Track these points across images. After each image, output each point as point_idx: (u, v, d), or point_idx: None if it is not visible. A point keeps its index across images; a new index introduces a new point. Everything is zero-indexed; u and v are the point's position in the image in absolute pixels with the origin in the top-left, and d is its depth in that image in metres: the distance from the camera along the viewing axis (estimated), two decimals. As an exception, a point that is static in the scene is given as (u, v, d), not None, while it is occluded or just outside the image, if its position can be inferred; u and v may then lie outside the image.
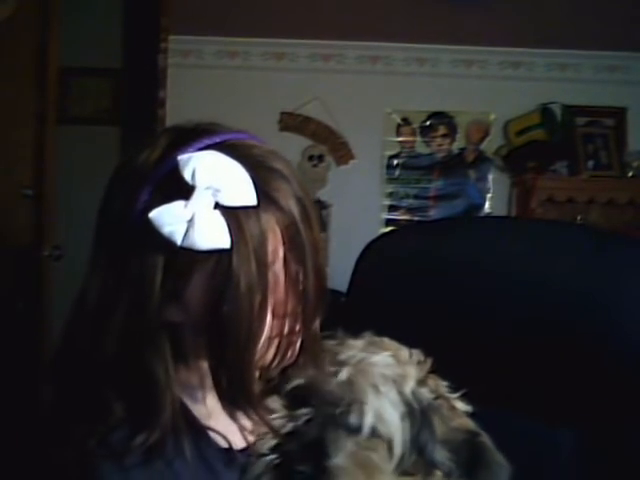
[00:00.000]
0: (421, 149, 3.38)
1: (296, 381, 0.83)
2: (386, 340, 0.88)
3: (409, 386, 0.83)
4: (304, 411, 0.80)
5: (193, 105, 2.96)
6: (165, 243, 0.73)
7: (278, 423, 0.81)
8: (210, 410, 0.83)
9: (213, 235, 0.73)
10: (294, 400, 0.83)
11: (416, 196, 3.37)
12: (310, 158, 3.37)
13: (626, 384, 0.94)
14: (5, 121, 2.46)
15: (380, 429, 0.80)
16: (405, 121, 3.37)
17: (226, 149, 0.76)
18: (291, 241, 0.78)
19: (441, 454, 0.82)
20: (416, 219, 3.36)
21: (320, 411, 0.80)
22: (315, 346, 0.84)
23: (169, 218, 0.72)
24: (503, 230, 1.13)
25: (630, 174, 3.20)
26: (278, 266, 0.78)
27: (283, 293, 0.79)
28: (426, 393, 0.84)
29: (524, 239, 1.07)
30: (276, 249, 0.77)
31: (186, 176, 0.73)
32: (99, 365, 0.77)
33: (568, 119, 3.26)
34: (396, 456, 0.80)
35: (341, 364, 0.83)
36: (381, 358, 0.84)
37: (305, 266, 0.79)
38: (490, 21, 3.19)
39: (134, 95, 3.31)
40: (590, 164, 3.21)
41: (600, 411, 0.95)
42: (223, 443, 0.82)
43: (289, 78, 3.34)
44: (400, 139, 3.38)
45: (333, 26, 3.24)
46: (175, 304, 0.77)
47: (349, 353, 0.85)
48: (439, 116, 3.36)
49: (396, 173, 3.39)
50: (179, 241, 0.72)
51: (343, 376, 0.81)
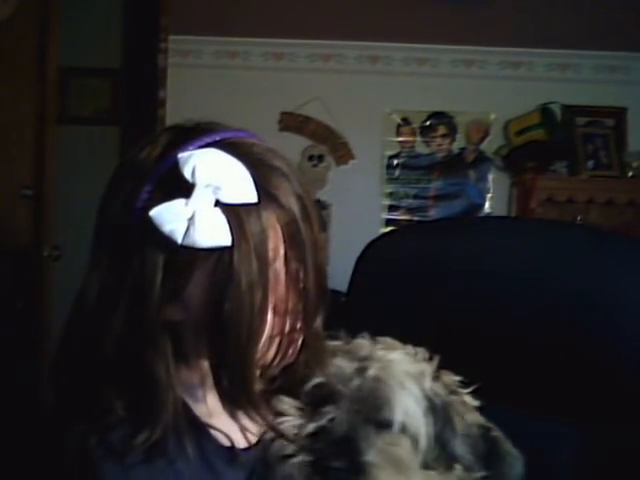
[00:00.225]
0: (421, 149, 3.38)
1: (315, 380, 0.83)
2: (388, 339, 0.88)
3: (427, 382, 0.84)
4: (327, 409, 0.80)
5: (193, 105, 2.96)
6: (165, 241, 0.73)
7: (296, 423, 0.81)
8: (211, 409, 0.83)
9: (214, 233, 0.72)
10: (311, 399, 0.82)
11: (416, 196, 3.37)
12: (310, 158, 3.37)
13: (626, 383, 0.94)
14: (5, 121, 2.46)
15: (408, 425, 0.80)
16: (405, 121, 3.37)
17: (226, 147, 0.76)
18: (291, 239, 0.78)
19: (461, 448, 0.82)
20: (416, 219, 3.36)
21: (348, 408, 0.79)
22: (317, 344, 0.84)
23: (169, 216, 0.72)
24: (503, 230, 1.13)
25: (630, 174, 3.19)
26: (279, 264, 0.78)
27: (284, 291, 0.79)
28: (441, 389, 0.85)
29: (524, 239, 1.07)
30: (277, 247, 0.77)
31: (186, 174, 0.73)
32: (99, 364, 0.77)
33: (568, 119, 3.26)
34: (421, 451, 0.81)
35: (363, 360, 0.83)
36: (398, 355, 0.85)
37: (306, 264, 0.79)
38: (490, 21, 3.19)
39: (134, 95, 3.31)
40: (590, 164, 3.21)
41: (600, 410, 0.95)
42: (225, 441, 0.82)
43: (289, 78, 3.34)
44: (400, 139, 3.38)
45: (333, 26, 3.24)
46: (175, 303, 0.77)
47: (367, 350, 0.85)
48: (439, 116, 3.36)
49: (396, 173, 3.39)
50: (180, 239, 0.72)
51: (372, 373, 0.81)
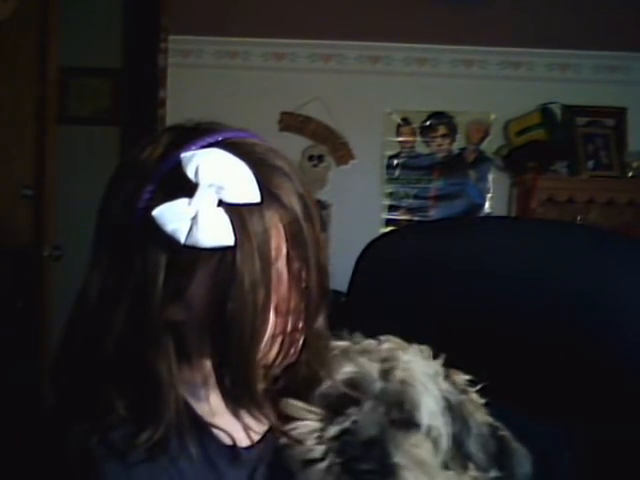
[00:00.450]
0: (421, 149, 3.38)
1: (328, 383, 0.83)
2: (393, 338, 0.88)
3: (442, 382, 0.85)
4: (350, 411, 0.79)
5: (193, 105, 2.96)
6: (168, 241, 0.73)
7: (312, 427, 0.80)
8: (214, 408, 0.83)
9: (217, 232, 0.73)
10: (326, 402, 0.82)
11: (416, 196, 3.37)
12: (310, 158, 3.37)
13: (626, 383, 0.94)
14: (5, 121, 2.46)
15: (432, 426, 0.81)
16: (405, 121, 3.37)
17: (228, 147, 0.77)
18: (294, 238, 0.78)
19: (475, 448, 0.83)
20: (416, 219, 3.36)
21: (373, 411, 0.79)
22: (318, 343, 0.84)
23: (172, 216, 0.72)
24: (503, 230, 1.13)
25: (630, 174, 3.19)
26: (281, 263, 0.78)
27: (286, 290, 0.79)
28: (452, 388, 0.85)
29: (524, 239, 1.07)
30: (279, 246, 0.77)
31: (189, 174, 0.73)
32: (100, 364, 0.77)
33: (568, 119, 3.26)
34: (442, 452, 0.81)
35: (385, 362, 0.83)
36: (414, 356, 0.85)
37: (308, 263, 0.79)
38: (490, 21, 3.19)
39: (134, 95, 3.31)
40: (590, 164, 3.21)
41: (600, 411, 0.95)
42: (227, 440, 0.83)
43: (289, 78, 3.34)
44: (400, 139, 3.38)
45: (333, 26, 3.24)
46: (177, 303, 0.77)
47: (387, 351, 0.84)
48: (439, 116, 3.35)
49: (396, 173, 3.39)
50: (183, 239, 0.72)
51: (398, 375, 0.81)
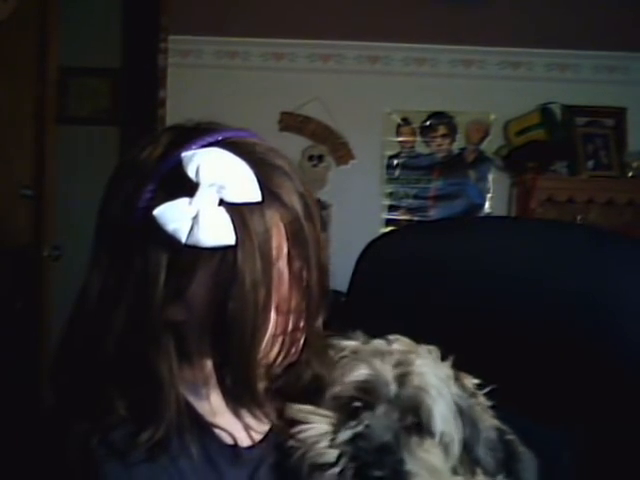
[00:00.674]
0: (421, 149, 3.38)
1: (338, 387, 0.82)
2: (402, 338, 0.87)
3: (453, 386, 0.84)
4: (364, 415, 0.79)
5: (193, 105, 2.96)
6: (169, 241, 0.73)
7: (322, 430, 0.79)
8: (215, 408, 0.83)
9: (218, 232, 0.73)
10: (337, 405, 0.81)
11: (416, 196, 3.37)
12: (310, 158, 3.37)
13: (626, 383, 0.94)
14: (5, 121, 2.46)
15: (445, 432, 0.80)
16: (405, 121, 3.37)
17: (228, 146, 0.77)
18: (295, 237, 0.78)
19: (483, 452, 0.82)
20: (416, 219, 3.36)
21: (386, 415, 0.79)
22: (319, 343, 0.84)
23: (173, 215, 0.72)
24: (503, 230, 1.13)
25: (630, 174, 3.19)
26: (282, 263, 0.78)
27: (287, 290, 0.79)
28: (462, 392, 0.85)
29: (524, 239, 1.07)
30: (280, 245, 0.77)
31: (190, 173, 0.73)
32: (101, 363, 0.77)
33: (568, 119, 3.25)
34: (452, 457, 0.80)
35: (399, 366, 0.82)
36: (427, 360, 0.84)
37: (309, 262, 0.79)
38: (490, 21, 3.19)
39: (134, 95, 3.31)
40: (590, 164, 3.21)
41: (601, 411, 0.95)
42: (228, 440, 0.82)
43: (289, 78, 3.34)
44: (400, 139, 3.38)
45: (333, 26, 3.24)
46: (178, 302, 0.77)
47: (400, 354, 0.84)
48: (439, 116, 3.35)
49: (396, 173, 3.38)
50: (184, 238, 0.72)
51: (414, 381, 0.80)
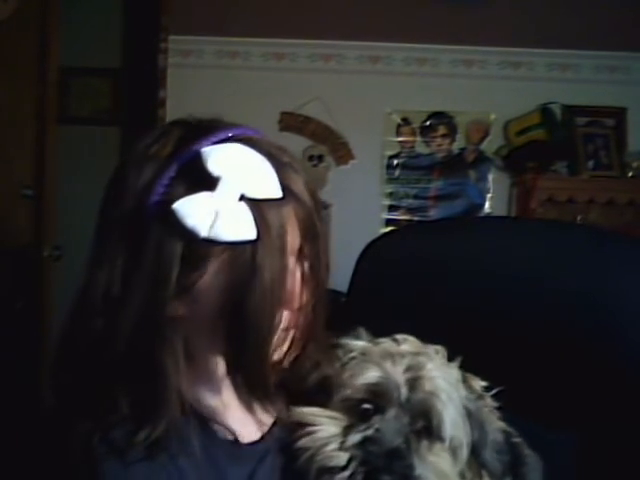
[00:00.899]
0: (421, 149, 3.38)
1: (348, 390, 0.82)
2: (409, 338, 0.87)
3: (461, 389, 0.83)
4: (375, 419, 0.78)
5: (193, 105, 2.95)
6: (184, 234, 0.72)
7: (330, 432, 0.79)
8: (225, 403, 0.83)
9: (240, 227, 0.72)
10: (347, 407, 0.81)
11: (416, 196, 3.37)
12: (310, 158, 3.37)
13: (627, 384, 0.94)
14: (5, 121, 2.46)
15: (454, 436, 0.80)
16: (405, 121, 3.37)
17: (243, 143, 0.76)
18: (308, 233, 0.78)
19: (491, 455, 0.82)
20: (416, 219, 3.36)
21: (397, 419, 0.78)
22: (326, 342, 0.85)
23: (194, 209, 0.72)
24: (503, 230, 1.13)
25: (630, 174, 3.19)
26: (295, 259, 0.78)
27: (299, 285, 0.79)
28: (470, 394, 0.84)
29: (524, 239, 1.07)
30: (293, 241, 0.77)
31: (211, 167, 0.73)
32: (107, 362, 0.76)
33: (568, 119, 3.25)
34: (461, 461, 0.80)
35: (409, 370, 0.81)
36: (437, 363, 0.83)
37: (319, 258, 0.79)
38: (490, 21, 3.18)
39: (134, 95, 3.31)
40: (590, 164, 3.21)
41: (601, 411, 0.95)
42: (230, 436, 0.82)
43: (289, 78, 3.34)
44: (400, 139, 3.38)
45: (333, 26, 3.24)
46: (185, 297, 0.76)
47: (410, 357, 0.83)
48: (439, 116, 3.35)
49: (396, 173, 3.38)
50: (204, 232, 0.72)
51: (426, 386, 0.80)
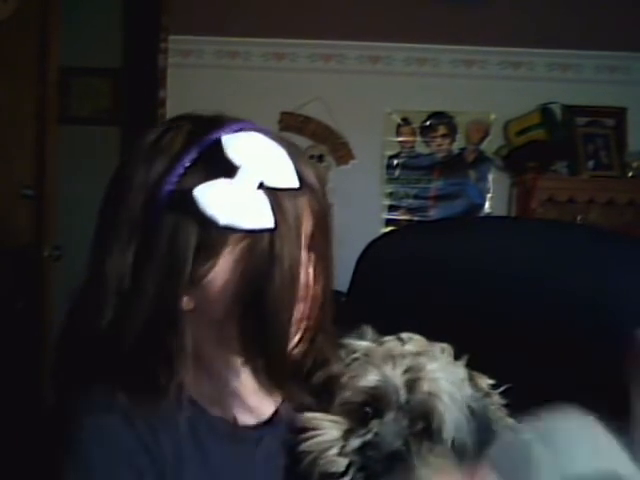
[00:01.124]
0: (421, 149, 3.38)
1: (347, 393, 0.81)
2: (416, 336, 0.87)
3: (467, 388, 0.83)
4: (373, 423, 0.78)
5: (193, 105, 2.95)
6: (201, 222, 0.72)
7: (336, 435, 0.78)
8: (228, 392, 0.83)
9: (258, 215, 0.72)
10: (346, 411, 0.80)
11: (416, 196, 3.37)
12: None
13: (627, 383, 0.94)
14: (5, 121, 2.46)
15: (457, 437, 0.79)
16: (405, 121, 3.37)
17: (258, 133, 0.77)
18: (320, 224, 0.79)
19: (498, 454, 0.80)
20: (416, 219, 3.36)
21: (396, 422, 0.78)
22: (333, 334, 0.85)
23: (213, 196, 0.71)
24: (503, 230, 1.13)
25: (630, 174, 3.19)
26: (309, 249, 0.79)
27: (312, 276, 0.80)
28: (476, 393, 0.84)
29: (524, 239, 1.07)
30: (308, 232, 0.78)
31: (231, 154, 0.73)
32: (113, 355, 0.75)
33: (568, 119, 3.25)
34: (466, 461, 0.79)
35: (409, 371, 0.80)
36: (441, 363, 0.83)
37: (329, 250, 0.81)
38: (490, 21, 3.18)
39: (134, 95, 3.31)
40: (590, 164, 3.21)
41: (600, 411, 0.95)
42: (225, 422, 0.82)
43: (289, 78, 3.34)
44: (400, 139, 3.38)
45: (333, 26, 3.24)
46: (201, 288, 0.76)
47: (411, 358, 0.83)
48: (439, 116, 3.35)
49: (396, 173, 3.38)
50: (222, 220, 0.71)
51: (424, 388, 0.79)
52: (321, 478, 0.77)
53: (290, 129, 3.36)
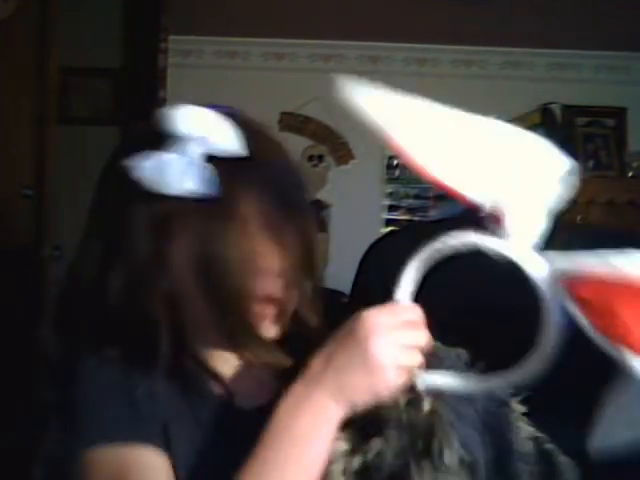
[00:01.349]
0: (421, 149, 3.38)
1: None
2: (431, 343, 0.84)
3: (478, 401, 0.79)
4: (373, 443, 0.75)
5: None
6: (148, 196, 0.74)
7: (344, 447, 0.75)
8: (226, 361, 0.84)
9: (202, 185, 0.73)
10: (352, 426, 0.77)
11: (416, 196, 3.38)
12: (310, 158, 3.37)
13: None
14: (5, 121, 2.46)
15: (465, 453, 0.75)
16: (405, 121, 3.37)
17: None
18: (273, 198, 0.77)
19: (519, 467, 0.78)
20: (416, 219, 3.37)
21: (398, 442, 0.75)
22: (308, 309, 0.84)
23: (158, 169, 0.74)
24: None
25: (630, 174, 3.20)
26: (259, 221, 0.77)
27: (268, 250, 0.78)
28: (490, 401, 0.80)
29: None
30: (256, 205, 0.77)
31: (173, 126, 0.74)
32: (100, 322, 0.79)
33: (568, 119, 3.26)
34: (480, 477, 0.75)
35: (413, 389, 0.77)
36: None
37: (288, 223, 0.78)
38: (490, 21, 3.19)
39: (134, 95, 3.31)
40: (590, 164, 3.21)
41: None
42: (218, 391, 0.83)
43: (289, 78, 3.34)
44: (400, 139, 3.38)
45: (333, 26, 3.24)
46: (161, 262, 0.77)
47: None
48: (439, 116, 3.35)
49: (396, 173, 3.39)
50: (168, 190, 0.73)
51: (427, 407, 0.76)
52: None
53: (290, 129, 3.36)
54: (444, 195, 0.79)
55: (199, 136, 0.75)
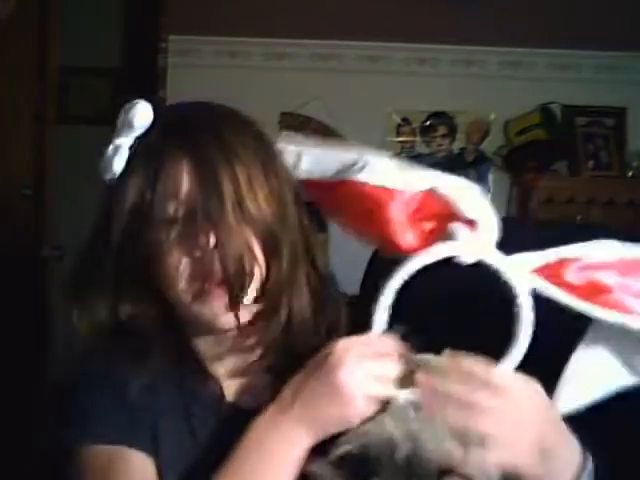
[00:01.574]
0: (421, 149, 3.38)
1: (346, 446, 0.73)
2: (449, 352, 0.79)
3: None
4: None
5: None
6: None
7: None
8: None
9: (115, 164, 0.82)
10: (345, 464, 0.74)
11: (416, 196, 3.37)
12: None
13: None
14: (5, 121, 2.46)
15: None
16: (405, 121, 3.37)
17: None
18: (202, 177, 0.79)
19: None
20: (416, 219, 3.36)
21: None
22: (304, 305, 0.85)
23: (107, 158, 0.84)
24: (503, 230, 1.13)
25: (630, 174, 3.19)
26: (186, 199, 0.79)
27: (195, 232, 0.79)
28: None
29: (524, 239, 1.06)
30: (185, 188, 0.79)
31: (129, 118, 0.87)
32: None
33: (568, 119, 3.26)
34: None
35: (411, 421, 0.73)
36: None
37: (216, 200, 0.78)
38: (490, 21, 3.19)
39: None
40: (590, 164, 3.21)
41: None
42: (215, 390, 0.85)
43: (289, 78, 3.34)
44: (400, 139, 3.38)
45: (333, 26, 3.24)
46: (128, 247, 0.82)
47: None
48: (439, 116, 3.35)
49: (396, 173, 3.38)
50: (105, 175, 0.82)
51: (427, 445, 0.71)
52: None
53: (290, 129, 3.35)
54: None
55: (134, 127, 0.84)
